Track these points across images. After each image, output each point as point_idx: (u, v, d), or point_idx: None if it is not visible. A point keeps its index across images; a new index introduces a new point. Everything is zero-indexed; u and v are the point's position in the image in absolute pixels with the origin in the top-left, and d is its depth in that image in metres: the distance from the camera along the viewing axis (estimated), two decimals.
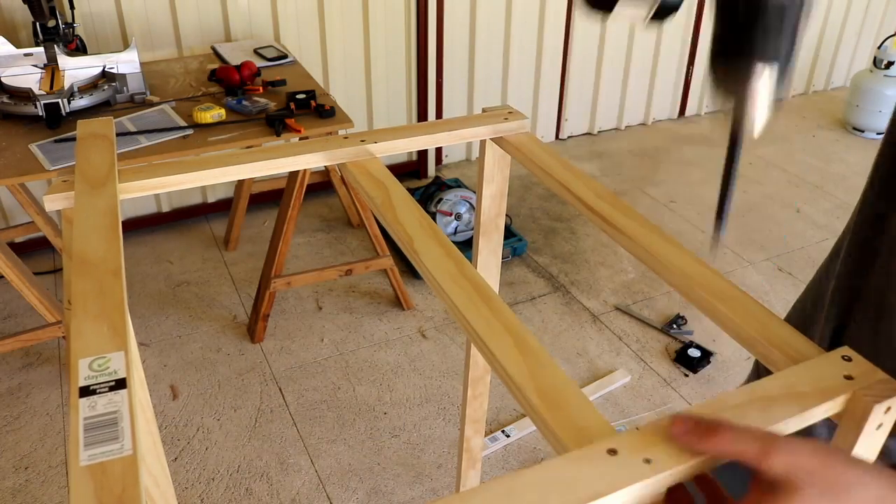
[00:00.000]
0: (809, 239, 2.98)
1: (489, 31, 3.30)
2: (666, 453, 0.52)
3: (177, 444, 1.99)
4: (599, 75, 3.73)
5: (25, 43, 2.46)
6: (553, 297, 2.62)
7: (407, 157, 3.41)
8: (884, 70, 3.78)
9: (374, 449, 1.99)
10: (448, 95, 3.34)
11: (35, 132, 1.97)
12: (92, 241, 0.74)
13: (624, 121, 3.97)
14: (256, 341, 2.36)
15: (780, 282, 2.72)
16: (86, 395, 0.56)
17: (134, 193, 0.89)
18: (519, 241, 2.82)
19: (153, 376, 2.22)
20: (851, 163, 3.65)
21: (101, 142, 0.95)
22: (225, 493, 1.86)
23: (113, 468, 0.50)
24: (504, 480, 0.50)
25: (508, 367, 0.62)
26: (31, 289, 1.99)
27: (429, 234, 0.80)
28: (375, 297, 2.59)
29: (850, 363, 0.62)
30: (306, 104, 2.13)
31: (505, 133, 1.03)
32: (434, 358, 2.32)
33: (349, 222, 3.03)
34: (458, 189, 2.81)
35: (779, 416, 0.56)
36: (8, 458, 1.93)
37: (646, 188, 3.39)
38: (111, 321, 0.63)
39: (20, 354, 2.27)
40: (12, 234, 2.64)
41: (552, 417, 0.58)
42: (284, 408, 2.11)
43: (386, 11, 3.00)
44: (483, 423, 1.40)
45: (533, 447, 2.02)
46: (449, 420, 2.09)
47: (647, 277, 2.74)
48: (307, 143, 0.98)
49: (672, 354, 2.35)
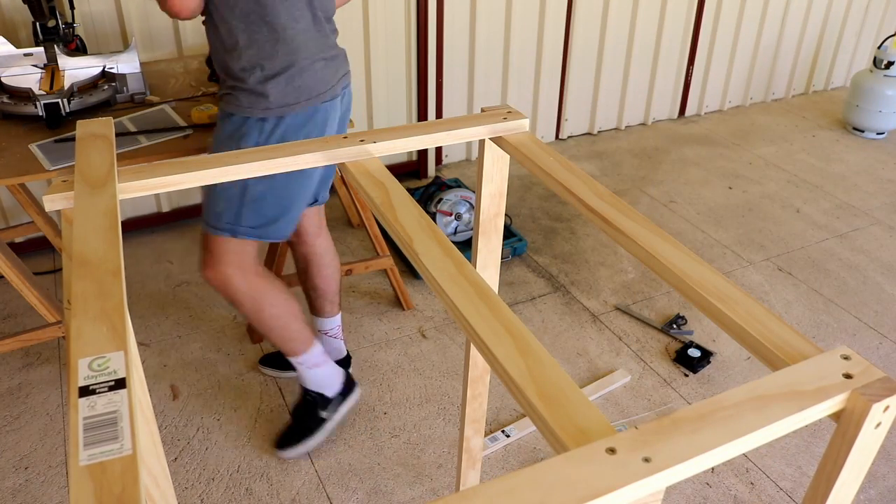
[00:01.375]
0: (809, 239, 2.98)
1: (489, 31, 3.31)
2: (665, 453, 0.52)
3: (177, 444, 1.99)
4: (599, 75, 3.73)
5: (25, 43, 2.46)
6: (553, 297, 2.62)
7: (407, 157, 3.41)
8: (884, 70, 3.78)
9: (374, 449, 2.00)
10: (448, 95, 3.34)
11: (35, 132, 1.97)
12: (92, 241, 0.74)
13: (624, 121, 3.97)
14: (256, 341, 2.36)
15: (780, 282, 2.72)
16: (85, 394, 0.56)
17: (134, 193, 0.89)
18: (519, 241, 2.82)
19: (153, 376, 2.22)
20: (851, 163, 3.65)
21: (100, 142, 0.95)
22: (225, 493, 1.86)
23: (113, 468, 0.50)
24: (504, 480, 0.50)
25: (508, 367, 0.62)
26: (31, 289, 1.99)
27: (429, 234, 0.81)
28: (375, 297, 2.59)
29: (850, 362, 0.62)
30: None
31: (504, 133, 1.03)
32: (434, 358, 2.32)
33: (349, 222, 3.03)
34: (458, 189, 2.81)
35: (777, 415, 0.57)
36: (8, 458, 1.93)
37: (646, 188, 3.39)
38: (111, 321, 0.63)
39: (20, 354, 2.27)
40: (12, 234, 2.64)
41: (552, 417, 0.58)
42: (284, 408, 2.11)
43: (386, 11, 3.00)
44: (483, 423, 1.40)
45: (533, 447, 2.02)
46: (449, 420, 2.09)
47: (647, 277, 2.74)
48: (307, 142, 0.98)
49: (672, 354, 2.35)
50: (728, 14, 3.92)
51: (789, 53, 4.30)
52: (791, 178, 3.51)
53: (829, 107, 4.37)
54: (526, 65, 3.50)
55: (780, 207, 3.25)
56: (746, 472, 1.94)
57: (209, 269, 1.71)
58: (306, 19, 1.54)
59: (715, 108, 4.26)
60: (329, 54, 1.61)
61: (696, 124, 4.09)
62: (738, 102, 4.34)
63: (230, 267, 1.70)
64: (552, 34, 3.47)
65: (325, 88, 1.60)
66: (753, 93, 4.34)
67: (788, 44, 4.26)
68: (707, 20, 3.88)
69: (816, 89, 4.60)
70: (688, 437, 0.55)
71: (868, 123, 3.89)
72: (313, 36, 1.57)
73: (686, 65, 3.97)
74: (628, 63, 3.77)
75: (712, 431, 0.55)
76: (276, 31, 1.51)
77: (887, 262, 2.84)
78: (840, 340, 2.45)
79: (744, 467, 1.96)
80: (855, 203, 3.29)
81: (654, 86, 3.93)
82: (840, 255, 2.86)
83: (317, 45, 1.58)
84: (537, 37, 3.45)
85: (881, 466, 1.97)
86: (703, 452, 0.53)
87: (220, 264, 1.69)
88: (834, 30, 4.37)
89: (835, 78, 4.62)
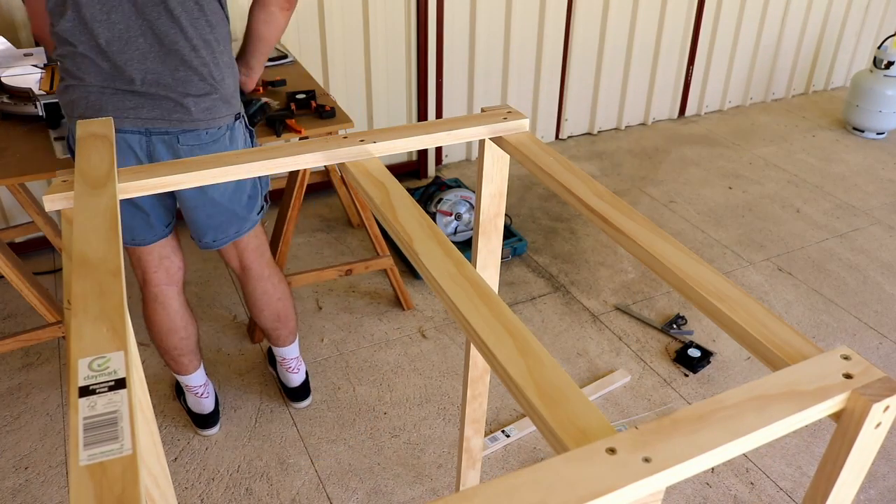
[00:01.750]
0: (809, 239, 2.98)
1: (489, 31, 3.31)
2: (665, 453, 0.52)
3: (177, 444, 1.99)
4: (599, 75, 3.73)
5: (25, 43, 2.46)
6: (553, 297, 2.62)
7: (407, 157, 3.41)
8: (884, 70, 3.78)
9: (374, 449, 2.00)
10: (448, 95, 3.34)
11: (35, 132, 1.96)
12: (92, 241, 0.74)
13: (624, 121, 3.97)
14: (256, 341, 2.36)
15: (780, 282, 2.72)
16: (85, 394, 0.56)
17: (134, 193, 0.89)
18: (519, 241, 2.82)
19: (153, 376, 2.22)
20: (851, 163, 3.65)
21: (100, 142, 0.95)
22: (225, 493, 1.86)
23: (113, 468, 0.50)
24: (504, 480, 0.50)
25: (508, 367, 0.62)
26: (31, 289, 1.99)
27: (429, 234, 0.81)
28: (375, 297, 2.59)
29: (850, 362, 0.62)
30: (307, 104, 2.13)
31: (504, 133, 1.03)
32: (434, 358, 2.32)
33: (349, 222, 3.03)
34: (457, 189, 2.81)
35: (777, 415, 0.56)
36: (8, 458, 1.93)
37: (646, 188, 3.39)
38: (111, 321, 0.63)
39: (20, 354, 2.27)
40: (12, 234, 2.64)
41: (552, 417, 0.58)
42: (284, 408, 2.11)
43: (386, 11, 3.00)
44: (483, 423, 1.40)
45: (533, 447, 2.02)
46: (449, 420, 2.09)
47: (647, 277, 2.74)
48: (307, 142, 0.98)
49: (672, 354, 2.35)
50: (728, 14, 3.92)
51: (789, 53, 4.31)
52: (791, 178, 3.51)
53: (829, 107, 4.37)
54: (526, 65, 3.50)
55: (780, 207, 3.25)
56: (746, 472, 1.94)
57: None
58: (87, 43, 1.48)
59: (715, 107, 4.26)
60: (118, 86, 1.51)
61: (696, 124, 4.09)
62: (738, 102, 4.34)
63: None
64: (552, 34, 3.47)
65: (94, 115, 1.52)
66: (753, 93, 4.34)
67: (788, 44, 4.26)
68: (707, 20, 3.88)
69: (816, 89, 4.60)
70: (688, 437, 0.55)
71: (868, 123, 3.89)
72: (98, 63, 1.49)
73: (686, 65, 3.97)
74: (628, 63, 3.77)
75: (712, 431, 0.55)
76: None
77: (887, 262, 2.84)
78: (840, 340, 2.45)
79: (744, 467, 1.96)
80: (855, 203, 3.29)
81: (654, 86, 3.93)
82: (840, 255, 2.86)
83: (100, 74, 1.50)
84: (537, 37, 3.45)
85: (881, 466, 1.97)
86: (703, 452, 0.53)
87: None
88: (834, 30, 4.37)
89: (835, 78, 4.62)
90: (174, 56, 1.49)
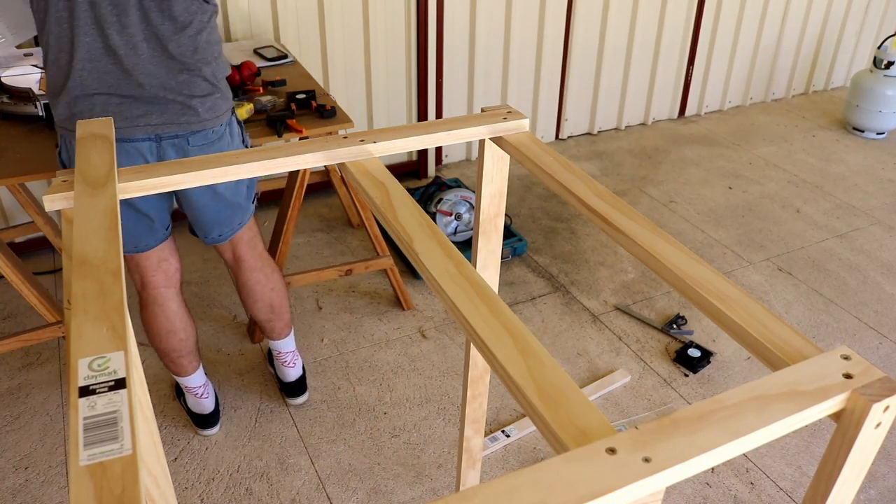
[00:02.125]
0: (809, 239, 2.98)
1: (489, 31, 3.31)
2: (665, 453, 0.52)
3: (177, 444, 1.99)
4: (599, 75, 3.73)
5: (25, 43, 2.46)
6: (553, 297, 2.62)
7: (407, 157, 3.41)
8: (884, 70, 3.78)
9: (374, 449, 2.00)
10: (448, 95, 3.34)
11: (35, 132, 1.97)
12: (92, 241, 0.74)
13: (624, 121, 3.97)
14: (256, 341, 2.36)
15: (780, 282, 2.72)
16: (85, 394, 0.56)
17: (134, 193, 0.89)
18: (519, 241, 2.82)
19: (153, 376, 2.22)
20: (851, 163, 3.65)
21: (100, 142, 0.95)
22: (225, 493, 1.86)
23: (113, 468, 0.50)
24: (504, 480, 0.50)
25: (508, 367, 0.62)
26: (31, 289, 1.99)
27: (429, 234, 0.81)
28: (375, 297, 2.59)
29: (850, 362, 0.62)
30: (307, 104, 2.13)
31: (503, 133, 1.03)
32: (434, 358, 2.32)
33: (349, 222, 3.03)
34: (457, 189, 2.81)
35: (777, 415, 0.56)
36: (8, 458, 1.93)
37: (646, 188, 3.39)
38: (111, 321, 0.63)
39: (20, 354, 2.27)
40: (12, 234, 2.64)
41: (552, 417, 0.58)
42: (284, 408, 2.11)
43: (386, 11, 3.00)
44: (483, 423, 1.40)
45: (533, 447, 2.02)
46: (449, 420, 2.09)
47: (647, 277, 2.74)
48: (307, 142, 0.98)
49: (672, 354, 2.35)
50: (728, 14, 3.92)
51: (789, 53, 4.30)
52: (791, 178, 3.51)
53: (829, 107, 4.37)
54: (526, 65, 3.50)
55: (780, 207, 3.25)
56: (746, 472, 1.94)
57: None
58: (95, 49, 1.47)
59: (715, 108, 4.26)
60: (127, 92, 1.50)
61: (696, 124, 4.09)
62: (738, 102, 4.34)
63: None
64: (552, 34, 3.47)
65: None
66: (753, 93, 4.34)
67: (788, 44, 4.26)
68: (707, 20, 3.88)
69: (816, 89, 4.60)
70: (688, 437, 0.55)
71: (868, 123, 3.89)
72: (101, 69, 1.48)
73: (686, 65, 3.97)
74: (628, 63, 3.77)
75: (712, 431, 0.55)
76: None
77: (887, 262, 2.84)
78: (840, 340, 2.45)
79: (744, 467, 1.96)
80: (855, 203, 3.29)
81: (654, 86, 3.93)
82: (840, 255, 2.86)
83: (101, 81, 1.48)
84: (537, 37, 3.45)
85: (881, 466, 1.97)
86: (703, 452, 0.53)
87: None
88: (834, 30, 4.37)
89: (835, 78, 4.62)
90: (176, 61, 1.50)
